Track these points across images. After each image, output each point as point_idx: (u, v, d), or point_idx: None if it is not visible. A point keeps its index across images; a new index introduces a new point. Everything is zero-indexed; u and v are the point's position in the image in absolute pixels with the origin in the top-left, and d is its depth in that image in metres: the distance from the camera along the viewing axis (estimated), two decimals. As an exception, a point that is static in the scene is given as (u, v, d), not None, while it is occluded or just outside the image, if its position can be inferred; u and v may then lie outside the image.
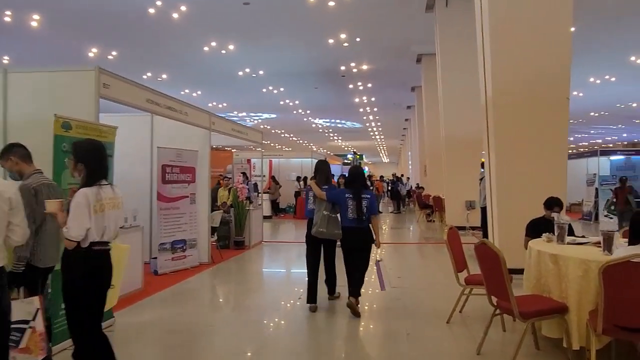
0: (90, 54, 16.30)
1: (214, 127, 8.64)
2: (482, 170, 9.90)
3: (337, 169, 24.41)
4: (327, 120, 30.43)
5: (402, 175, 27.72)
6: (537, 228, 5.75)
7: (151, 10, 12.40)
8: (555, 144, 7.13)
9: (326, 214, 5.43)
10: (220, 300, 6.92)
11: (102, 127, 4.87)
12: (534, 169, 7.13)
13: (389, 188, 21.31)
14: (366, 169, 42.14)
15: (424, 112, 18.15)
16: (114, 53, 16.59)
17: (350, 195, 5.45)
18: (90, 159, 3.17)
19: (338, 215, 5.52)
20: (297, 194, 16.98)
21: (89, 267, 3.12)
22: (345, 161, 32.51)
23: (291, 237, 13.27)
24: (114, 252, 3.42)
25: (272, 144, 36.31)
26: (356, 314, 5.36)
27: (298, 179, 17.14)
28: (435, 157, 16.59)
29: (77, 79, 4.99)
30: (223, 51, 16.22)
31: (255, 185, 12.83)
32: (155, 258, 7.72)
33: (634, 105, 24.18)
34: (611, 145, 38.68)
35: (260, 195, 11.58)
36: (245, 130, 10.40)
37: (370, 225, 5.57)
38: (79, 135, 4.35)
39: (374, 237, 5.60)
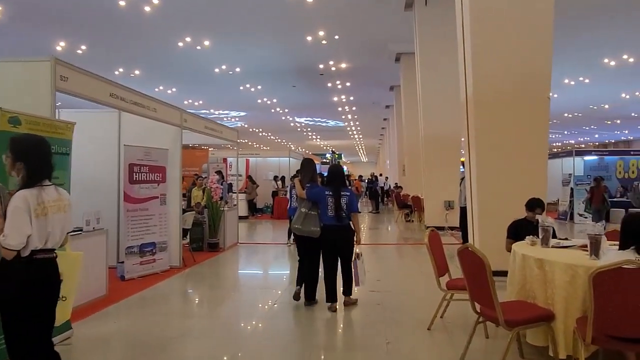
0: (58, 48, 15.67)
1: (185, 125, 8.26)
2: (463, 170, 9.73)
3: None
4: (309, 119, 30.11)
5: (381, 174, 27.62)
6: (519, 230, 5.59)
7: (122, 3, 11.93)
8: (536, 143, 6.97)
9: (304, 211, 5.52)
10: (192, 306, 6.56)
11: (57, 123, 4.48)
12: (514, 168, 6.96)
13: (367, 187, 21.15)
14: (345, 168, 42.05)
15: (402, 112, 18.00)
16: (82, 47, 15.99)
17: (330, 193, 5.46)
18: (31, 156, 2.80)
19: (317, 213, 5.54)
20: (275, 194, 16.63)
21: (30, 277, 2.75)
22: (324, 160, 32.25)
23: (268, 238, 12.92)
24: (63, 261, 3.07)
25: (250, 143, 35.86)
26: (353, 303, 5.70)
27: (275, 178, 16.80)
28: (414, 156, 16.44)
29: (30, 71, 4.60)
30: (198, 47, 15.79)
31: (230, 185, 12.44)
32: (122, 262, 7.30)
33: (606, 106, 24.52)
34: (583, 145, 39.31)
35: (235, 195, 11.16)
36: (220, 128, 10.02)
37: (350, 222, 5.59)
38: (31, 132, 3.95)
39: (355, 233, 5.65)
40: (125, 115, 7.82)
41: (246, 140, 36.39)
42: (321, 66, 18.16)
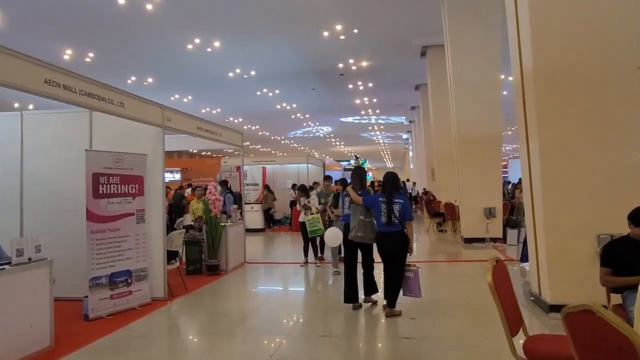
0: (65, 57, 14.44)
1: (169, 125, 6.57)
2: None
3: (337, 175, 22.27)
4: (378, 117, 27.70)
5: (408, 179, 25.53)
6: (619, 253, 3.71)
7: (126, 6, 10.55)
8: (626, 129, 4.98)
9: (362, 219, 5.50)
10: (175, 354, 4.80)
11: None
12: (599, 166, 5.00)
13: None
14: (370, 174, 39.96)
15: (430, 111, 16.02)
16: (90, 55, 14.69)
17: (383, 200, 5.35)
18: None
19: (373, 219, 5.54)
20: (293, 204, 14.85)
21: None
22: (348, 167, 30.39)
23: (282, 255, 11.09)
24: None
25: (269, 150, 34.28)
26: (396, 314, 5.38)
27: (293, 186, 15.05)
28: (445, 159, 14.47)
29: None
30: (209, 49, 14.28)
31: (238, 196, 10.71)
32: (87, 297, 5.62)
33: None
34: None
35: (243, 207, 9.41)
36: (218, 130, 8.29)
37: (404, 230, 5.38)
38: None
39: (409, 242, 5.39)
40: (99, 116, 6.21)
41: (259, 146, 34.85)
42: (340, 65, 16.39)
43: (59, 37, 13.05)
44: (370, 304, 5.88)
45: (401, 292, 5.48)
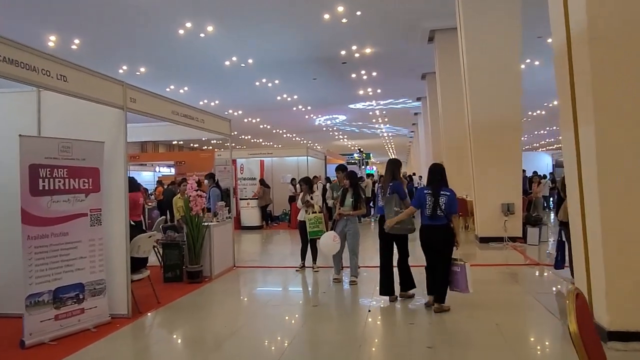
0: (50, 43, 13.26)
1: (133, 107, 5.34)
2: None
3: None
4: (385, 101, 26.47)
5: (414, 173, 24.24)
6: None
7: None
8: None
9: (397, 210, 5.34)
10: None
11: None
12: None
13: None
14: (374, 168, 38.61)
15: (439, 100, 14.72)
16: (76, 41, 13.49)
17: (430, 192, 5.17)
18: None
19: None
20: (292, 199, 13.64)
21: None
22: (351, 160, 29.05)
23: (279, 256, 9.86)
24: None
25: (272, 144, 33.01)
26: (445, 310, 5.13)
27: (293, 181, 13.86)
28: (456, 151, 13.22)
29: None
30: (202, 34, 13.05)
31: (226, 192, 9.49)
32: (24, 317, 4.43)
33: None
34: None
35: (228, 205, 8.18)
36: (200, 116, 7.05)
37: (450, 223, 5.15)
38: None
39: (455, 237, 5.18)
40: (49, 96, 5.01)
41: (261, 140, 33.54)
42: (343, 52, 15.11)
43: (41, 21, 11.88)
44: (406, 297, 5.69)
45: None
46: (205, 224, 7.12)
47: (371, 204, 15.20)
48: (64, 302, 4.66)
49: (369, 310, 5.30)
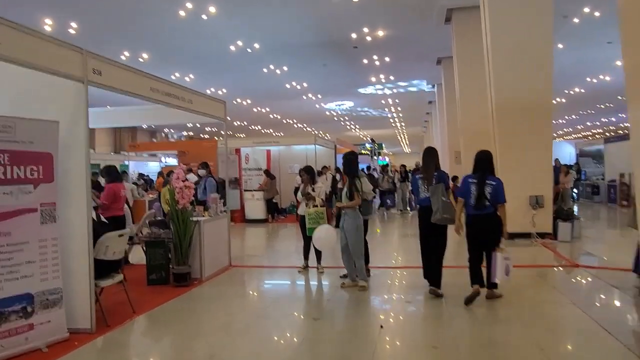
0: (47, 27, 12.39)
1: (97, 80, 4.35)
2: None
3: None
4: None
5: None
6: None
7: None
8: None
9: (444, 200, 5.04)
10: None
11: None
12: None
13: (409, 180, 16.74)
14: (386, 159, 37.44)
15: (456, 85, 13.55)
16: (73, 25, 12.61)
17: (475, 181, 4.94)
18: None
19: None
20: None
21: None
22: (363, 151, 27.91)
23: (282, 253, 8.87)
24: None
25: (281, 134, 31.93)
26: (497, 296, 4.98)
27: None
28: (475, 138, 12.04)
29: None
30: (204, 16, 12.04)
31: (222, 183, 8.51)
32: (-48, 339, 3.51)
33: None
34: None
35: (223, 198, 7.19)
36: (187, 95, 6.02)
37: (496, 212, 4.88)
38: None
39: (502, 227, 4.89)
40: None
41: (271, 130, 32.42)
42: (354, 36, 13.97)
43: (36, 3, 11.04)
44: (433, 296, 5.23)
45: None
46: (195, 219, 6.14)
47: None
48: (6, 317, 3.73)
49: (381, 327, 4.29)
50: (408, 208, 15.00)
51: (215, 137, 32.75)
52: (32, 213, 3.92)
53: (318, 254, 6.62)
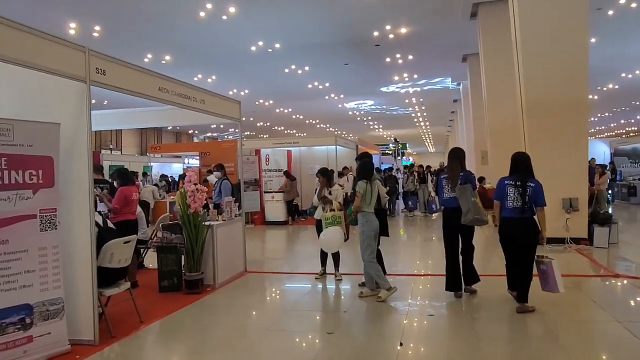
0: (71, 31, 12.46)
1: (101, 80, 4.13)
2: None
3: (375, 159, 19.50)
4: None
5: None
6: None
7: None
8: None
9: (474, 201, 4.91)
10: None
11: None
12: None
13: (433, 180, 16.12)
14: (410, 159, 36.77)
15: (482, 81, 12.99)
16: (96, 28, 12.64)
17: (512, 183, 4.70)
18: None
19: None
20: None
21: None
22: (386, 151, 27.39)
23: (300, 258, 8.57)
24: None
25: (303, 135, 31.69)
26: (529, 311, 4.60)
27: (344, 170, 12.53)
28: (502, 137, 11.55)
29: None
30: (224, 16, 11.87)
31: (237, 186, 8.25)
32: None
33: None
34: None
35: (238, 201, 6.92)
36: (199, 95, 5.77)
37: (534, 217, 4.67)
38: None
39: (540, 231, 4.67)
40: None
41: (294, 131, 32.13)
42: (376, 34, 13.58)
43: (59, 7, 11.09)
44: (469, 293, 5.28)
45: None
46: (207, 223, 5.90)
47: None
48: (3, 329, 3.53)
49: (400, 344, 3.92)
50: (425, 210, 14.43)
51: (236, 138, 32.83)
52: (31, 220, 3.72)
53: (336, 260, 6.29)
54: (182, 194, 5.70)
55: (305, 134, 31.90)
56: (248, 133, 32.34)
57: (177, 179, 13.79)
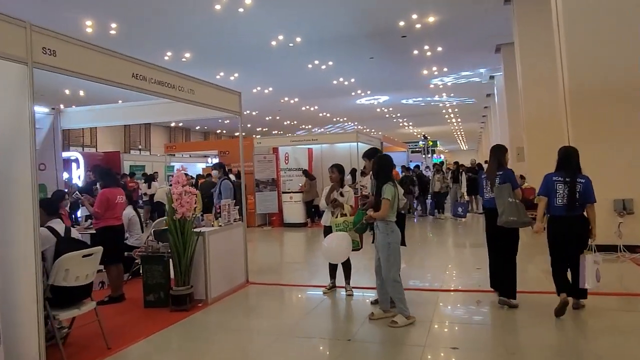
0: (88, 29, 12.05)
1: (46, 62, 3.38)
2: None
3: (400, 158, 18.38)
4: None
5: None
6: None
7: None
8: None
9: (511, 201, 4.54)
10: None
11: None
12: None
13: (468, 179, 14.84)
14: (442, 157, 35.26)
15: (518, 73, 11.76)
16: (113, 25, 12.17)
17: (561, 179, 4.43)
18: None
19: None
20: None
21: None
22: (416, 148, 26.10)
23: (315, 266, 7.61)
24: None
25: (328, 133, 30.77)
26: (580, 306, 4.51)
27: (353, 171, 11.63)
28: (539, 132, 10.38)
29: None
30: (240, 9, 11.14)
31: (238, 186, 7.44)
32: None
33: None
34: None
35: (239, 204, 6.10)
36: (187, 84, 4.95)
37: (584, 214, 4.44)
38: None
39: (591, 228, 4.43)
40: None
41: (321, 130, 31.05)
42: (402, 23, 12.52)
43: (76, 5, 10.68)
44: (505, 307, 4.68)
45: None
46: (198, 229, 5.11)
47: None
48: None
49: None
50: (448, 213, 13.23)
51: (254, 136, 32.19)
52: (-46, 231, 3.01)
53: (346, 271, 5.40)
54: (169, 198, 4.93)
55: (318, 128, 30.86)
56: (276, 132, 31.72)
57: (195, 179, 13.25)
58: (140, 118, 7.03)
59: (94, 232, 5.31)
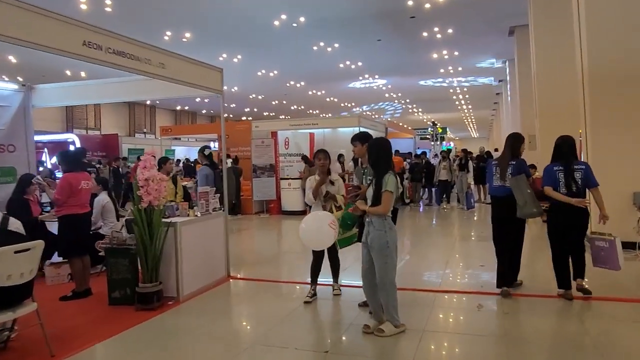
0: (82, 6, 11.46)
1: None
2: None
3: (406, 145, 17.66)
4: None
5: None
6: None
7: None
8: None
9: (530, 192, 4.41)
10: None
11: None
12: None
13: (475, 168, 14.05)
14: (451, 144, 34.32)
15: (532, 57, 10.97)
16: (107, 2, 11.56)
17: (561, 168, 4.46)
18: None
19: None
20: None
21: None
22: (426, 135, 25.19)
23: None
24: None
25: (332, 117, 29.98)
26: (587, 291, 4.43)
27: (340, 157, 11.04)
28: (553, 120, 9.65)
29: None
30: (240, -14, 10.47)
31: (218, 173, 6.87)
32: None
33: None
34: None
35: (220, 192, 5.54)
36: (155, 57, 4.33)
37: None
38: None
39: (601, 211, 4.47)
40: None
41: (330, 114, 30.15)
42: (410, 3, 11.74)
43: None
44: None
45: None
46: (169, 220, 4.58)
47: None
48: None
49: None
50: (462, 204, 12.49)
51: (246, 117, 31.46)
52: None
53: (334, 267, 4.83)
54: (134, 185, 4.39)
55: (318, 111, 30.00)
56: (283, 117, 31.07)
57: (193, 164, 12.76)
58: (115, 96, 6.43)
59: (60, 220, 4.81)
